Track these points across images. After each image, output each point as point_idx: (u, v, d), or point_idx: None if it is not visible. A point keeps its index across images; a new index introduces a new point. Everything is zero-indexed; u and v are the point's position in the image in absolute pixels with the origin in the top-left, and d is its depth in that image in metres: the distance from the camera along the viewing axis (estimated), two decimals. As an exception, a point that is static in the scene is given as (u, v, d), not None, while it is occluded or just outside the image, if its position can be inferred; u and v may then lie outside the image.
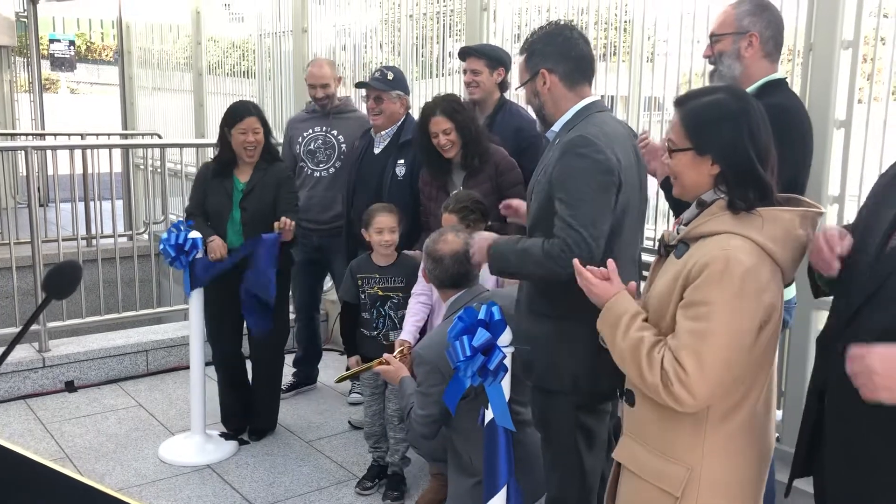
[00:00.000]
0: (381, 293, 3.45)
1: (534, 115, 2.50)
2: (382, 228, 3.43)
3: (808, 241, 1.73)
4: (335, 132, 4.40)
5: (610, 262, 1.93)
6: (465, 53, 3.75)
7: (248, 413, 4.08)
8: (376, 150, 3.94)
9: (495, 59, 3.70)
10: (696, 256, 1.70)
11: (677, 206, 2.38)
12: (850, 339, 1.50)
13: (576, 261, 1.96)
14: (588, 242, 2.14)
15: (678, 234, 1.82)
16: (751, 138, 1.73)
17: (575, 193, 2.19)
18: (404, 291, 3.43)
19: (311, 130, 4.43)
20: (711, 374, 1.65)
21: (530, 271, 2.31)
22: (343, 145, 4.38)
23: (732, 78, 2.58)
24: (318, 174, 4.40)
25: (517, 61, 2.54)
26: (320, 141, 4.39)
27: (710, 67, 2.67)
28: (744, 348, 1.68)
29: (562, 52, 2.32)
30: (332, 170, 4.38)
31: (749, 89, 2.55)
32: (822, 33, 2.99)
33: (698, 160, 1.77)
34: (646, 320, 1.80)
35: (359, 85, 4.04)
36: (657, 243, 1.92)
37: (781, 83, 2.60)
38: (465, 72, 3.74)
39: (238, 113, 3.76)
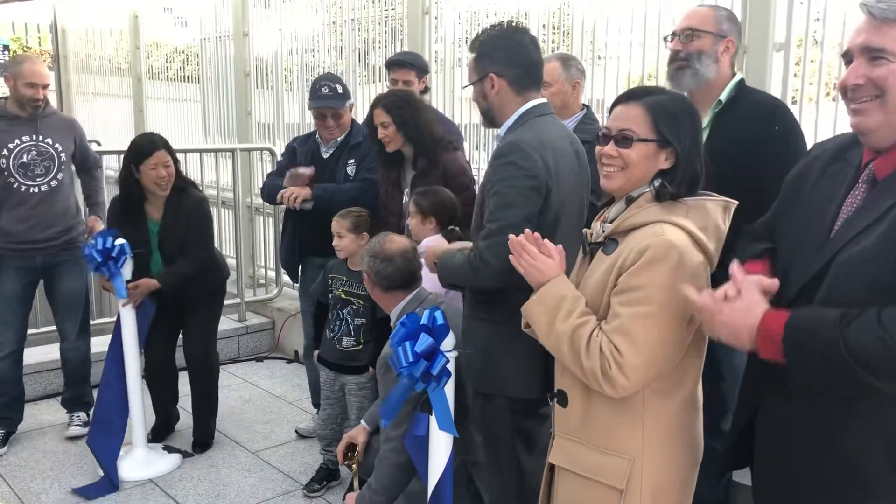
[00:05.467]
0: (343, 296, 3.43)
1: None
2: (336, 232, 3.41)
3: (722, 234, 1.78)
4: (49, 140, 3.88)
5: (548, 241, 1.88)
6: (395, 65, 3.77)
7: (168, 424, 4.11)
8: (325, 155, 3.89)
9: (422, 67, 3.78)
10: (630, 246, 1.70)
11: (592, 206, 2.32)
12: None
13: (513, 236, 1.89)
14: (506, 248, 1.99)
15: (603, 231, 1.81)
16: (699, 135, 1.81)
17: (499, 201, 2.21)
18: (365, 301, 3.36)
19: (18, 140, 3.82)
20: (645, 357, 1.66)
21: (471, 284, 2.34)
22: (62, 154, 3.91)
23: (706, 80, 2.48)
24: (34, 189, 3.85)
25: (466, 59, 2.50)
26: (34, 152, 3.84)
27: (675, 64, 2.53)
28: (677, 332, 1.69)
29: (512, 57, 2.31)
30: (53, 182, 3.88)
31: (725, 91, 2.50)
32: (755, 36, 3.06)
33: (656, 152, 1.76)
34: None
35: (314, 107, 3.79)
36: (581, 242, 1.90)
37: (744, 83, 2.57)
38: (394, 82, 3.74)
39: (146, 149, 3.62)
